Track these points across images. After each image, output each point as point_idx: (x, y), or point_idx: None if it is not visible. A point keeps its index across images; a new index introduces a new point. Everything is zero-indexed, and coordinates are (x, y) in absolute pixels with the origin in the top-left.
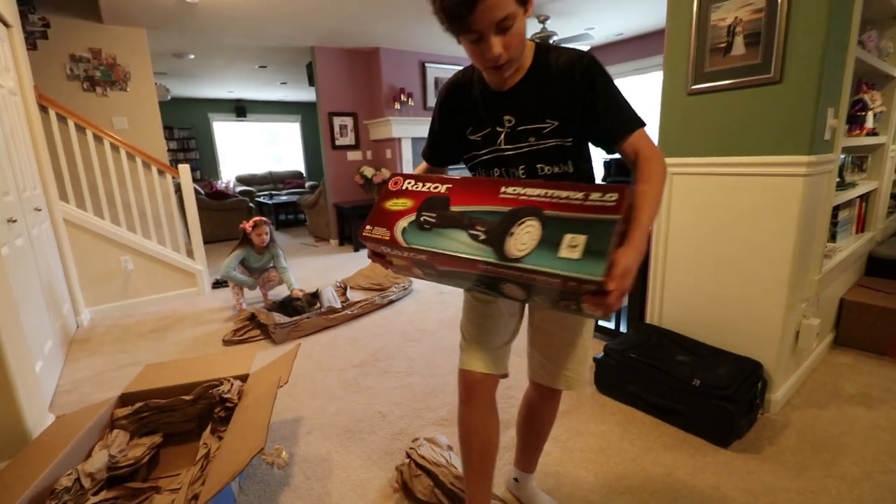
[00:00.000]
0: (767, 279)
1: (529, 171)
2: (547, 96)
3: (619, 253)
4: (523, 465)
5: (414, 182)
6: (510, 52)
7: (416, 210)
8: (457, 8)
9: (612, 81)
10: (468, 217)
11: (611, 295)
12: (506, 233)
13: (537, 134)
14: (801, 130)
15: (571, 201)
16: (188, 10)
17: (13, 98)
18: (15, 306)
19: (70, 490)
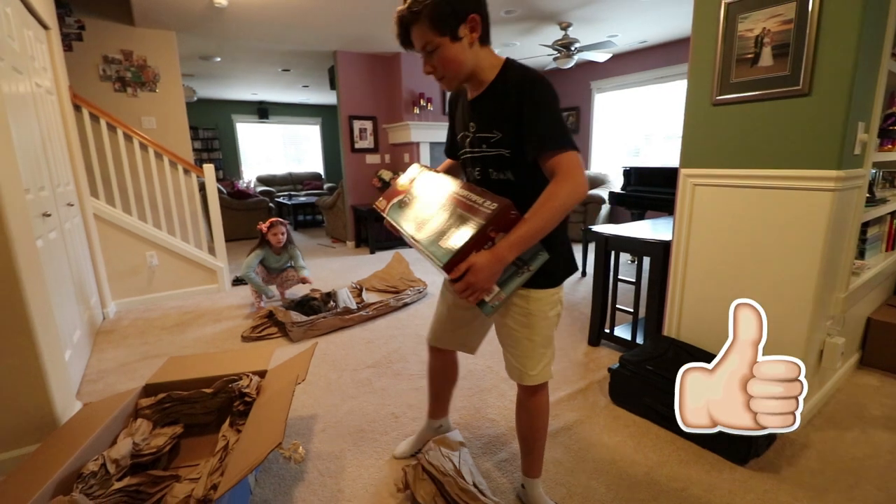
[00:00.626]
0: (791, 295)
1: (483, 174)
2: (496, 110)
3: (477, 253)
4: (524, 468)
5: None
6: (440, 72)
7: (406, 192)
8: (398, 37)
9: (550, 103)
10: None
11: (457, 284)
12: (430, 217)
13: (487, 142)
14: (829, 144)
15: (472, 203)
16: (217, 15)
17: (50, 97)
18: (48, 297)
19: (96, 475)
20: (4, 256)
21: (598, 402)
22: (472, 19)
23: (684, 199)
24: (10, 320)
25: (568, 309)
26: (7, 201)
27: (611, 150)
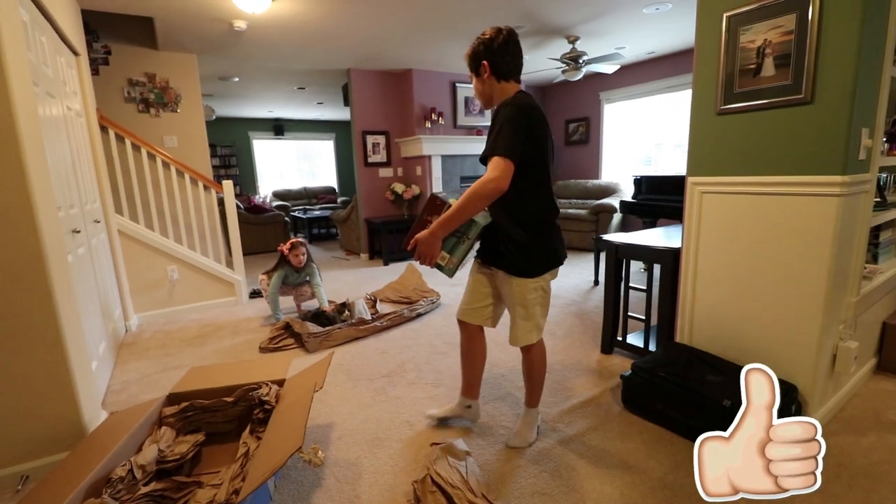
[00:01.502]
0: (801, 300)
1: None
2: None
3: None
4: (525, 400)
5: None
6: (476, 92)
7: None
8: None
9: (503, 124)
10: None
11: (413, 254)
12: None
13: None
14: (833, 150)
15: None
16: (236, 37)
17: (79, 119)
18: (77, 310)
19: (124, 480)
20: (39, 271)
21: (612, 409)
22: (484, 64)
23: (692, 206)
24: (44, 333)
25: (580, 317)
26: (42, 219)
27: (621, 160)
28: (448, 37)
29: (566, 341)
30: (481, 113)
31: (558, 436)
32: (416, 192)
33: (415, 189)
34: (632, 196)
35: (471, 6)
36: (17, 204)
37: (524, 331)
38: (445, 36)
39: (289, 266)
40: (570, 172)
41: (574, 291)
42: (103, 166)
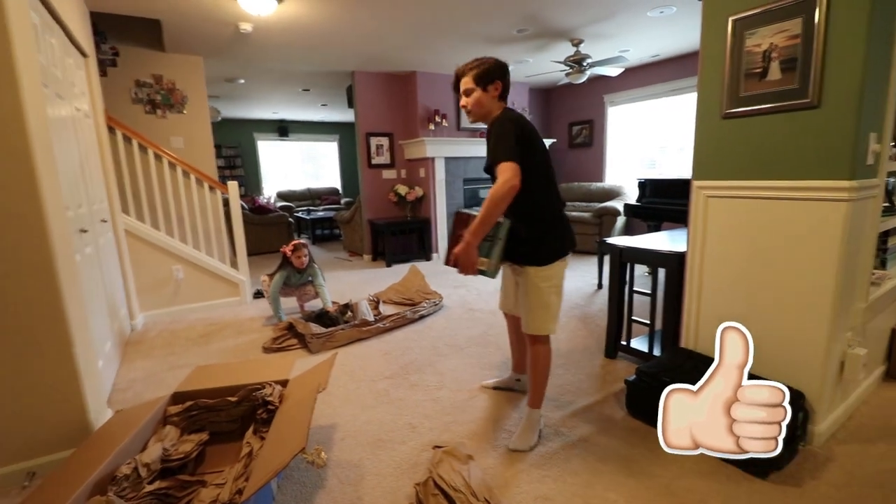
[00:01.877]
0: (808, 306)
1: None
2: (488, 144)
3: (456, 246)
4: (528, 399)
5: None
6: (467, 105)
7: None
8: (453, 83)
9: (497, 133)
10: None
11: (456, 268)
12: None
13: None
14: (841, 155)
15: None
16: (242, 39)
17: (87, 120)
18: (85, 308)
19: (129, 478)
20: (48, 271)
21: (615, 415)
22: (497, 82)
23: (698, 210)
24: (52, 331)
25: (583, 321)
26: (51, 218)
27: (625, 163)
28: (452, 39)
29: (569, 345)
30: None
31: (562, 440)
32: (419, 194)
33: (418, 191)
34: (636, 199)
35: (475, 9)
36: (27, 203)
37: (542, 319)
38: (450, 38)
39: (291, 267)
40: (573, 175)
41: (577, 295)
42: (111, 166)
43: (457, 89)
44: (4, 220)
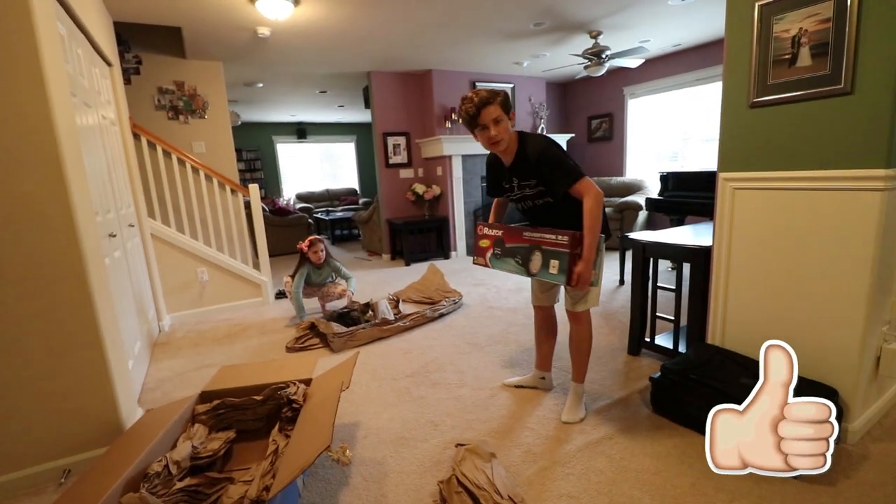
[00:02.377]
0: (842, 300)
1: (533, 202)
2: (526, 169)
3: (576, 265)
4: (573, 373)
5: (487, 228)
6: (500, 136)
7: (492, 247)
8: (469, 117)
9: (555, 157)
10: (512, 250)
11: (576, 287)
12: (528, 260)
13: (529, 186)
14: (876, 143)
15: (550, 241)
16: (260, 44)
17: (113, 128)
18: (115, 311)
19: (160, 475)
20: (79, 275)
21: (640, 412)
22: (512, 112)
23: (724, 203)
24: (84, 333)
25: (606, 318)
26: (81, 223)
27: (646, 156)
28: (468, 35)
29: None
30: None
31: (585, 438)
32: (436, 193)
33: (435, 189)
34: (658, 193)
35: (491, 4)
36: (58, 209)
37: (593, 295)
38: (465, 35)
39: (309, 263)
40: (593, 170)
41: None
42: (136, 172)
43: (474, 123)
44: (37, 225)
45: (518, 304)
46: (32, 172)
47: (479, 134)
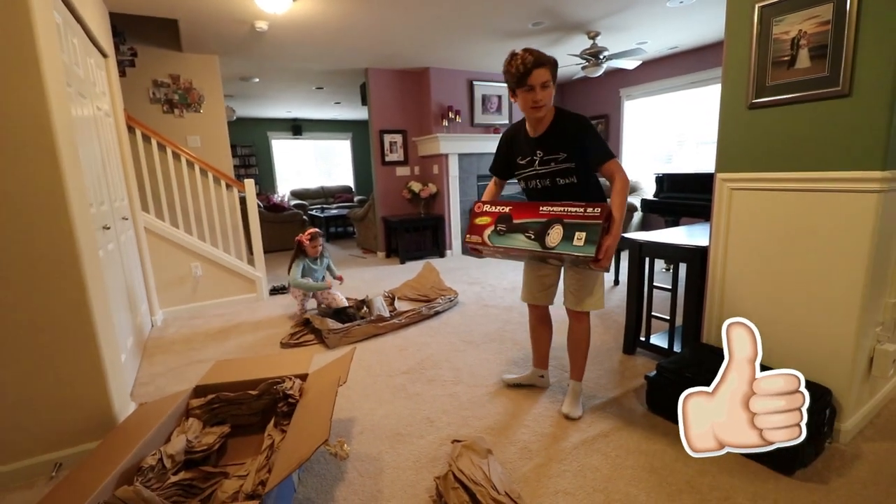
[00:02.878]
0: (836, 301)
1: (552, 181)
2: (560, 140)
3: (605, 239)
4: (571, 372)
5: (488, 206)
6: (544, 101)
7: (493, 223)
8: (519, 74)
9: (596, 134)
10: (523, 225)
11: (601, 262)
12: (544, 234)
13: (556, 160)
14: (873, 145)
15: (578, 213)
16: (257, 38)
17: (108, 119)
18: (108, 303)
19: (154, 469)
20: (73, 266)
21: (635, 410)
22: (554, 84)
23: (721, 204)
24: (78, 326)
25: (601, 317)
26: (75, 214)
27: (642, 158)
28: (466, 34)
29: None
30: (498, 111)
31: (581, 435)
32: (432, 191)
33: (432, 188)
34: (653, 194)
35: (490, 3)
36: (53, 199)
37: (599, 295)
38: (464, 33)
39: (304, 255)
40: None
41: None
42: (130, 165)
43: (522, 82)
44: (32, 216)
45: (514, 302)
46: (27, 161)
47: (522, 94)
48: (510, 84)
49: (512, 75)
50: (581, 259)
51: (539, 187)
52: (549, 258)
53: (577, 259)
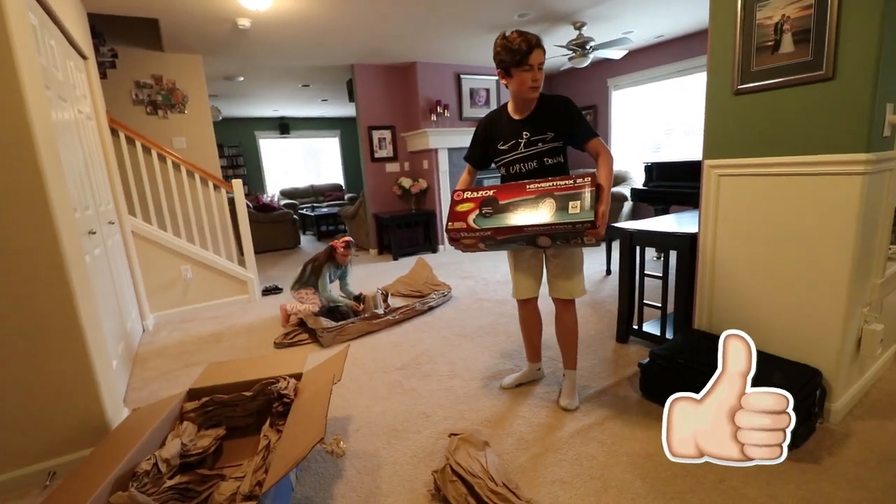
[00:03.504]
0: (824, 283)
1: (539, 162)
2: (547, 120)
3: (598, 205)
4: (564, 362)
5: (469, 192)
6: (540, 81)
7: (477, 207)
8: (520, 54)
9: (580, 112)
10: (512, 205)
11: (598, 228)
12: (536, 208)
13: (543, 140)
14: (856, 128)
15: (567, 185)
16: (240, 36)
17: (90, 122)
18: (97, 309)
19: (149, 473)
20: (59, 272)
21: (630, 398)
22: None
23: (709, 190)
24: (66, 332)
25: (594, 306)
26: (60, 220)
27: (630, 147)
28: (452, 27)
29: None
30: (486, 104)
31: (577, 424)
32: (423, 187)
33: (422, 183)
34: (642, 184)
35: None
36: (35, 205)
37: (580, 281)
38: (449, 26)
39: (332, 262)
40: (577, 161)
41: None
42: (115, 168)
43: (521, 61)
44: (15, 223)
45: (507, 295)
46: (7, 167)
47: (519, 74)
48: (506, 64)
49: (513, 54)
50: (578, 227)
51: (524, 171)
52: (541, 234)
53: (573, 228)
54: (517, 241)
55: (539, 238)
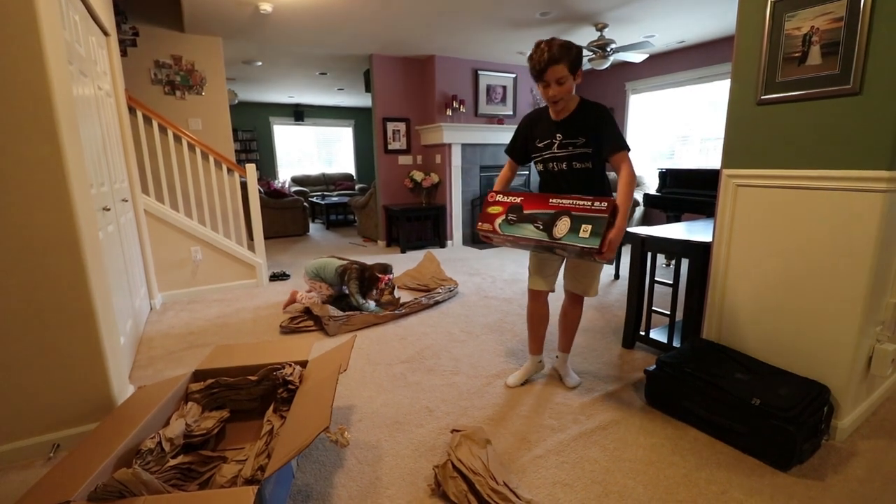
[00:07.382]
0: (838, 299)
1: (569, 165)
2: (581, 126)
3: (609, 232)
4: (561, 346)
5: (501, 196)
6: (560, 95)
7: (504, 213)
8: (535, 71)
9: (616, 124)
10: (533, 216)
11: (605, 254)
12: (552, 224)
13: (574, 145)
14: (881, 144)
15: (585, 206)
16: (261, 21)
17: (108, 100)
18: (108, 285)
19: (153, 452)
20: (73, 247)
21: (634, 404)
22: (580, 72)
23: (726, 200)
24: (78, 308)
25: (600, 311)
26: (77, 196)
27: (645, 152)
28: (473, 22)
29: (586, 335)
30: (503, 101)
31: (579, 427)
32: (435, 181)
33: (434, 177)
34: (656, 189)
35: None
36: (53, 179)
37: (595, 284)
38: (470, 22)
39: (365, 285)
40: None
41: None
42: (131, 146)
43: (539, 78)
44: (33, 197)
45: (513, 294)
46: (28, 140)
47: (540, 88)
48: (532, 75)
49: (531, 68)
50: (585, 251)
51: (555, 170)
52: (555, 248)
53: (581, 251)
54: (535, 247)
55: (555, 248)
